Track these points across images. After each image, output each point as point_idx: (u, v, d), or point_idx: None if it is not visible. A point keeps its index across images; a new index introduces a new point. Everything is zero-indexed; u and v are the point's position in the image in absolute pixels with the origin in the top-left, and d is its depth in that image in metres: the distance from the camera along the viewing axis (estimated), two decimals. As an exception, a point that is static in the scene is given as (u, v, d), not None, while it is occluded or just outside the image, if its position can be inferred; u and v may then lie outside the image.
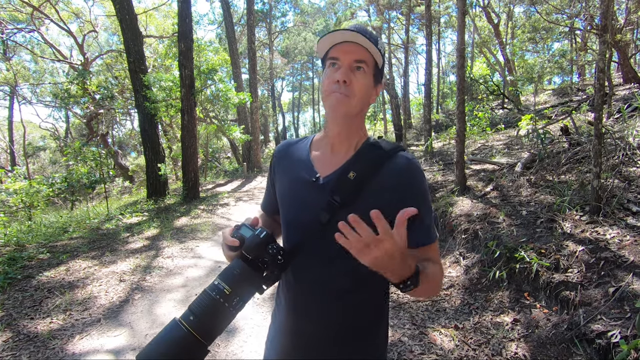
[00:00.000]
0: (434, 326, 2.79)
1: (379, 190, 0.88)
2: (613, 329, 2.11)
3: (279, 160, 1.06)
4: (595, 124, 3.21)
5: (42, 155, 25.23)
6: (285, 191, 1.01)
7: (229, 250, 0.90)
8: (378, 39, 0.90)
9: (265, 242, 0.86)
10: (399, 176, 0.89)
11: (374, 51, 0.89)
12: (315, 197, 0.92)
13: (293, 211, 0.97)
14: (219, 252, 4.92)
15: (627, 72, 9.51)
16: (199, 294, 0.81)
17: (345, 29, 0.87)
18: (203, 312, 0.77)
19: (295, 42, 29.77)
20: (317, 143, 1.02)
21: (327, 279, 0.92)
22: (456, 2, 5.44)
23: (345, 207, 0.86)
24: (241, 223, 0.93)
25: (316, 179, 0.94)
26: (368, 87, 0.91)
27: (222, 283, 0.80)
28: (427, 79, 10.12)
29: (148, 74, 8.80)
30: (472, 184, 5.31)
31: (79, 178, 9.02)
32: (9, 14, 15.24)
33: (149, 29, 16.32)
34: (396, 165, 0.90)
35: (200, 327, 0.75)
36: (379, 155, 0.91)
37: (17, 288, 3.64)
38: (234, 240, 0.87)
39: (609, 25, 3.62)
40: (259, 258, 0.85)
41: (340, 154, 0.96)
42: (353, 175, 0.89)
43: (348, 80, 0.87)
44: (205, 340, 0.75)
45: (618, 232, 2.92)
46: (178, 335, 0.74)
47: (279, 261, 0.87)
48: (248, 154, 15.10)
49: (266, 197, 1.16)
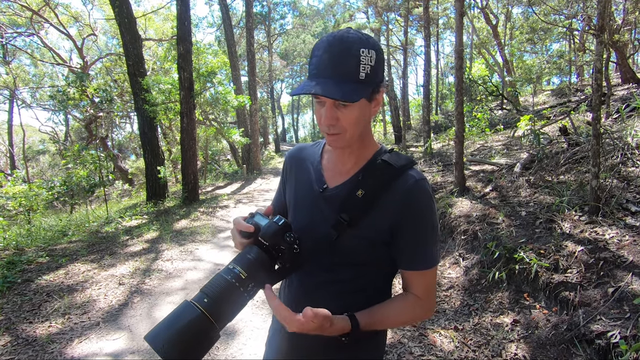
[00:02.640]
0: (434, 327, 2.79)
1: (385, 210, 0.88)
2: (613, 329, 2.11)
3: (291, 164, 1.07)
4: (594, 124, 3.22)
5: (42, 159, 25.23)
6: (294, 198, 1.02)
7: (242, 237, 0.89)
8: (362, 49, 0.78)
9: (283, 230, 0.83)
10: (403, 196, 0.87)
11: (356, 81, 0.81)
12: (322, 210, 0.93)
13: (301, 223, 0.97)
14: (219, 255, 4.92)
15: (625, 72, 9.53)
16: (212, 277, 0.79)
17: (327, 95, 0.76)
18: (218, 294, 0.74)
19: (294, 44, 29.82)
20: (328, 150, 1.02)
21: (330, 281, 0.94)
22: (454, 4, 5.45)
23: (353, 226, 0.87)
24: (255, 211, 0.92)
25: (324, 190, 0.94)
26: (359, 115, 0.83)
27: (237, 267, 0.78)
28: (426, 80, 10.14)
29: (147, 77, 8.81)
30: (472, 184, 5.32)
31: (78, 181, 9.01)
32: (8, 18, 15.27)
33: (148, 32, 16.38)
34: (402, 185, 0.88)
35: (215, 309, 0.72)
36: (389, 173, 0.89)
37: (16, 292, 3.63)
38: (249, 226, 0.86)
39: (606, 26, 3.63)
40: (276, 246, 0.83)
41: (349, 164, 0.95)
42: (361, 193, 0.88)
43: (334, 121, 0.82)
44: (217, 323, 0.73)
45: (617, 232, 2.92)
46: (192, 317, 0.70)
47: (295, 250, 0.84)
48: (247, 156, 15.10)
49: (277, 198, 1.16)
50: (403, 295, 0.95)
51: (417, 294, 0.93)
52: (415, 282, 0.93)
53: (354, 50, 0.77)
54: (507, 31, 16.77)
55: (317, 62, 0.80)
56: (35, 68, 21.54)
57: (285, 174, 1.09)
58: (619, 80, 10.23)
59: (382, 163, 0.91)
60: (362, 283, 0.94)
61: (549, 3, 11.41)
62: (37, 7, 14.25)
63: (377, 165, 0.91)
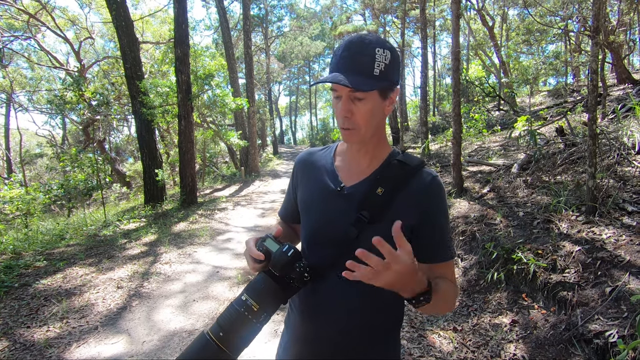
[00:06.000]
0: (433, 328, 2.79)
1: (405, 207, 0.90)
2: (610, 328, 2.12)
3: (302, 168, 1.07)
4: (590, 124, 3.24)
5: (39, 163, 25.13)
6: (309, 200, 1.01)
7: (254, 262, 0.90)
8: (378, 49, 0.83)
9: (293, 261, 0.86)
10: (423, 193, 0.91)
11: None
12: (341, 208, 0.93)
13: (318, 222, 0.97)
14: (217, 257, 4.91)
15: (621, 72, 9.60)
16: (227, 307, 0.83)
17: (341, 82, 0.80)
18: (232, 327, 0.79)
19: (292, 46, 29.87)
20: (341, 152, 1.03)
21: (347, 286, 0.92)
22: (451, 6, 5.48)
23: (373, 223, 0.88)
24: (265, 235, 0.93)
25: (341, 189, 0.95)
26: (373, 111, 0.87)
27: (250, 299, 0.82)
28: (423, 81, 10.16)
29: (145, 80, 8.81)
30: (469, 185, 5.33)
31: (75, 185, 9.00)
32: (5, 22, 15.25)
33: (146, 35, 16.36)
34: (421, 182, 0.92)
35: (230, 342, 0.79)
36: (405, 171, 0.92)
37: (14, 296, 3.61)
38: (260, 255, 0.88)
39: (602, 27, 3.66)
40: (286, 275, 0.86)
41: (364, 165, 0.96)
42: (381, 191, 0.90)
43: (349, 114, 0.86)
44: (233, 353, 0.79)
45: (614, 231, 2.94)
46: (208, 350, 0.78)
47: (305, 279, 0.88)
48: (246, 159, 15.10)
49: (286, 205, 1.16)
50: (443, 280, 0.92)
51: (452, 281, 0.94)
52: (446, 272, 0.94)
53: (370, 49, 0.84)
54: (503, 33, 16.86)
55: (336, 60, 0.86)
56: (32, 71, 21.48)
57: (296, 179, 1.09)
58: (614, 81, 10.30)
59: (398, 163, 0.94)
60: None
61: (545, 4, 11.48)
62: (34, 10, 14.23)
63: (394, 164, 0.94)
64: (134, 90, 8.50)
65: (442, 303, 0.88)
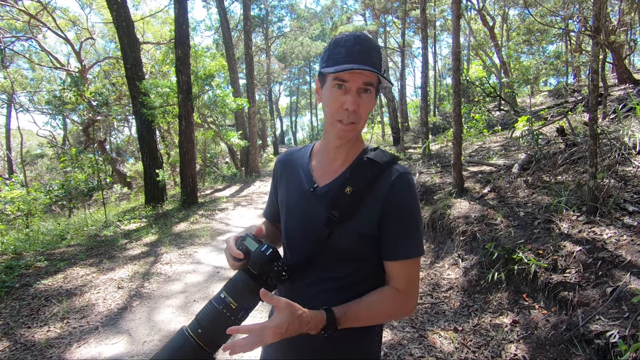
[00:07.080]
0: (433, 329, 2.79)
1: (372, 204, 0.91)
2: (611, 329, 2.11)
3: (282, 169, 1.10)
4: (591, 124, 3.24)
5: (40, 163, 25.16)
6: (286, 200, 1.04)
7: (234, 260, 0.91)
8: (381, 50, 0.94)
9: (271, 260, 0.88)
10: (387, 189, 0.91)
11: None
12: (314, 208, 0.95)
13: (295, 222, 1.00)
14: (218, 258, 4.91)
15: (621, 72, 9.58)
16: (206, 304, 0.85)
17: (362, 68, 0.84)
18: (210, 324, 0.81)
19: (292, 46, 29.89)
20: (317, 151, 1.05)
21: (324, 280, 0.95)
22: (451, 6, 5.48)
23: (344, 222, 0.90)
24: (245, 234, 0.94)
25: (314, 189, 0.97)
26: (372, 105, 0.92)
27: (228, 297, 0.83)
28: (424, 81, 10.17)
29: (145, 80, 8.82)
30: (470, 185, 5.33)
31: (76, 185, 9.01)
32: (6, 23, 15.27)
33: (146, 36, 16.38)
34: (387, 179, 0.92)
35: (208, 338, 0.80)
36: (375, 169, 0.93)
37: (15, 297, 3.62)
38: (239, 253, 0.89)
39: (602, 27, 3.66)
40: (264, 275, 0.88)
41: (337, 163, 0.98)
42: (350, 190, 0.91)
43: (357, 108, 0.88)
44: (211, 350, 0.80)
45: (615, 231, 2.93)
46: (187, 347, 0.79)
47: (283, 277, 0.90)
48: (246, 159, 15.11)
49: (269, 205, 1.18)
50: (381, 289, 0.93)
51: (398, 287, 0.92)
52: (396, 273, 0.93)
53: (378, 48, 0.91)
54: (504, 33, 16.85)
55: (348, 52, 0.87)
56: (33, 72, 21.52)
57: (276, 179, 1.12)
58: (615, 81, 10.28)
59: (368, 161, 0.95)
60: (362, 277, 0.95)
61: (545, 4, 11.47)
62: (35, 11, 14.25)
63: (364, 162, 0.95)
64: (135, 90, 8.51)
65: (368, 319, 0.91)
